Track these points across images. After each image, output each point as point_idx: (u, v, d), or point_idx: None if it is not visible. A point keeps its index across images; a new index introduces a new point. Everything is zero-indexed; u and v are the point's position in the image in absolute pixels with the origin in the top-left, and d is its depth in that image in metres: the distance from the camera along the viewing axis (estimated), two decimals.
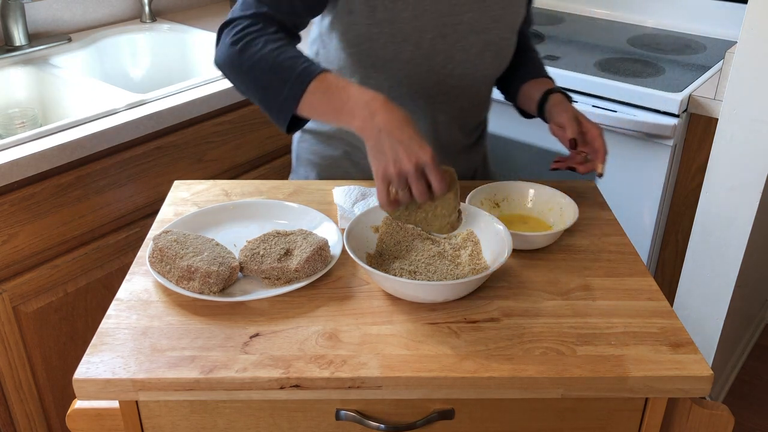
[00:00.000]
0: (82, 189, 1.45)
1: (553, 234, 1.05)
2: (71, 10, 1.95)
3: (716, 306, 1.81)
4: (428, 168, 0.91)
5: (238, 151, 1.77)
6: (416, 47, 1.12)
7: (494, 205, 1.16)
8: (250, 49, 1.01)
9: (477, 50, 1.16)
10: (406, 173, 0.91)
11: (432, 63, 1.14)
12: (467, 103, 1.23)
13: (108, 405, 0.88)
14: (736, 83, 1.59)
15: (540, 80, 1.27)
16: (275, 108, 1.01)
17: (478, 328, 0.91)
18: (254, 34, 1.02)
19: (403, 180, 0.91)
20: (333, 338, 0.89)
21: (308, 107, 0.99)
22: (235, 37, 1.02)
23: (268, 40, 1.01)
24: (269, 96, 1.01)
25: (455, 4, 1.12)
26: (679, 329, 0.92)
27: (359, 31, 1.11)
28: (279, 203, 1.14)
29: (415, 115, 1.19)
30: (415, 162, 0.90)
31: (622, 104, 1.82)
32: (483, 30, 1.15)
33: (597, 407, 0.90)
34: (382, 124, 0.92)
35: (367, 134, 0.93)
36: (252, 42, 1.01)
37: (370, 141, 0.93)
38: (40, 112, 1.78)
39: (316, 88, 0.97)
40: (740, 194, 1.66)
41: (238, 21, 1.04)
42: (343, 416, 0.87)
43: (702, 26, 2.24)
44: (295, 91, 0.98)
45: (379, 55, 1.12)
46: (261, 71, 1.00)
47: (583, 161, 1.16)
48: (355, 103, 0.95)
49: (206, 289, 0.94)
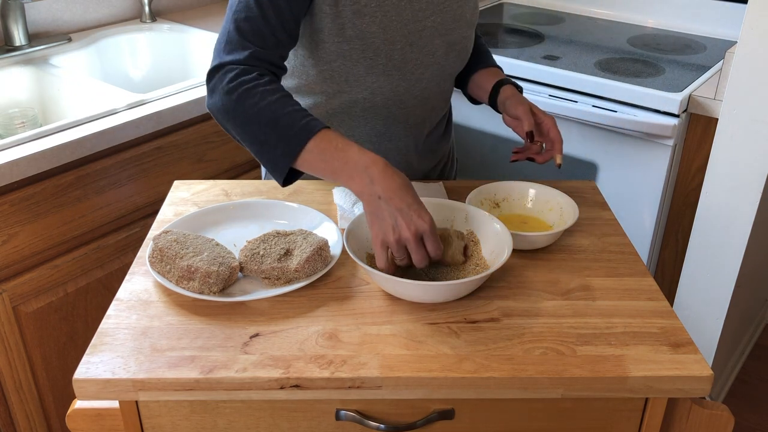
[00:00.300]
0: (82, 189, 1.45)
1: (554, 234, 1.05)
2: (71, 10, 1.95)
3: (716, 306, 1.81)
4: (426, 236, 0.92)
5: (238, 151, 1.77)
6: (388, 59, 1.13)
7: (494, 205, 1.16)
8: (247, 100, 0.99)
9: (443, 52, 1.18)
10: (405, 241, 0.92)
11: (403, 71, 1.15)
12: (437, 103, 1.26)
13: (108, 405, 0.88)
14: (736, 83, 1.59)
15: (489, 70, 1.30)
16: (272, 162, 1.00)
17: (478, 328, 0.91)
18: (249, 83, 1.00)
19: (402, 248, 0.93)
20: (333, 338, 0.89)
21: (305, 164, 0.98)
22: (229, 86, 1.00)
23: (265, 92, 0.99)
24: (266, 150, 1.00)
25: (418, 9, 1.13)
26: (679, 329, 0.92)
27: (329, 49, 1.11)
28: (279, 203, 1.14)
29: (389, 120, 1.20)
30: (414, 231, 0.91)
31: (622, 104, 1.82)
32: (446, 31, 1.17)
33: (597, 407, 0.90)
34: (381, 192, 0.92)
35: (366, 199, 0.94)
36: (248, 93, 0.99)
37: (369, 207, 0.93)
38: (40, 112, 1.78)
39: (315, 146, 0.97)
40: (740, 194, 1.66)
41: (229, 67, 1.02)
42: (343, 416, 0.87)
43: (702, 26, 2.24)
44: (292, 148, 0.97)
45: (351, 71, 1.13)
46: (258, 125, 0.99)
47: (539, 151, 1.20)
48: (353, 167, 0.95)
49: (206, 289, 0.94)
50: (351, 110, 1.19)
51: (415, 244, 0.91)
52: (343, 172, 0.95)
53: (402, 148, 1.25)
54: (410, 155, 1.27)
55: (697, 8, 2.24)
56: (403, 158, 1.26)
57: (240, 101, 0.99)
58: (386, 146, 1.24)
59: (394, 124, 1.22)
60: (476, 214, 1.05)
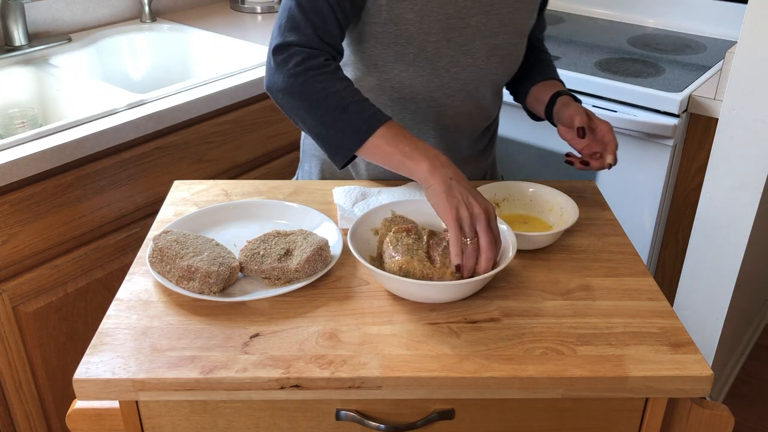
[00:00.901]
0: (82, 189, 1.45)
1: (554, 234, 1.05)
2: (71, 10, 1.95)
3: (716, 306, 1.81)
4: (492, 218, 0.95)
5: (238, 151, 1.77)
6: (420, 49, 1.12)
7: (494, 205, 1.16)
8: (315, 85, 1.02)
9: (483, 54, 1.16)
10: (477, 217, 0.93)
11: (435, 66, 1.14)
12: (474, 108, 1.22)
13: (108, 405, 0.88)
14: (736, 83, 1.59)
15: (549, 82, 1.27)
16: (335, 145, 1.03)
17: (479, 328, 0.91)
18: (317, 69, 1.03)
19: (473, 226, 0.94)
20: (333, 338, 0.89)
21: (372, 149, 1.02)
22: (297, 69, 1.03)
23: (333, 79, 1.03)
24: (333, 134, 1.03)
25: (462, 7, 1.11)
26: (679, 329, 0.92)
27: (363, 29, 1.11)
28: (279, 203, 1.14)
29: (418, 116, 1.19)
30: (485, 208, 0.94)
31: (622, 104, 1.82)
32: (490, 34, 1.14)
33: (597, 407, 0.90)
34: (453, 174, 0.97)
35: (437, 180, 0.96)
36: (316, 78, 1.02)
37: (441, 186, 0.95)
38: (40, 112, 1.78)
39: (385, 132, 1.01)
40: (740, 194, 1.66)
41: (296, 49, 1.04)
42: (343, 416, 0.87)
43: (702, 26, 2.24)
44: (362, 133, 1.01)
45: (381, 55, 1.13)
46: (327, 109, 1.02)
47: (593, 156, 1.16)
48: (424, 152, 0.99)
49: (206, 289, 0.94)
50: (379, 98, 1.18)
51: (485, 222, 0.93)
52: (413, 156, 0.98)
53: None
54: None
55: (697, 8, 2.24)
56: None
57: (307, 85, 1.02)
58: None
59: (424, 121, 1.21)
60: None
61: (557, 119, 1.20)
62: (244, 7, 2.26)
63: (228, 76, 1.72)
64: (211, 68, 1.98)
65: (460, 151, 1.27)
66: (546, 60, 1.33)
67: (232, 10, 2.27)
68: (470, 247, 0.93)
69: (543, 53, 1.34)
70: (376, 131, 1.00)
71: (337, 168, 1.05)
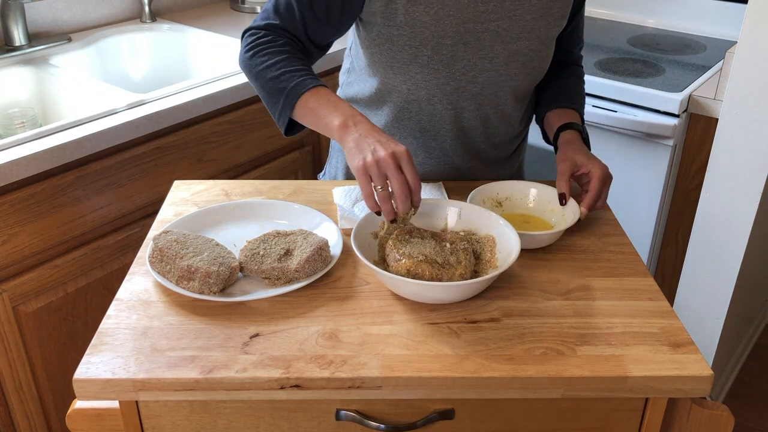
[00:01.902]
0: (82, 189, 1.45)
1: (556, 233, 1.05)
2: (71, 10, 1.95)
3: (716, 306, 1.81)
4: (404, 161, 0.96)
5: (238, 151, 1.77)
6: (434, 52, 1.12)
7: (496, 204, 1.16)
8: (258, 58, 1.11)
9: (502, 60, 1.15)
10: (384, 164, 0.95)
11: (451, 69, 1.14)
12: (493, 112, 1.21)
13: (108, 405, 0.88)
14: (736, 83, 1.59)
15: (565, 110, 1.25)
16: (275, 113, 1.11)
17: (479, 328, 0.91)
18: (263, 45, 1.12)
19: (382, 174, 0.95)
20: (333, 338, 0.89)
21: (302, 115, 1.08)
22: (248, 46, 1.13)
23: (274, 52, 1.11)
24: (270, 103, 1.11)
25: (482, 11, 1.11)
26: (679, 329, 0.92)
27: (379, 31, 1.12)
28: (279, 203, 1.14)
29: (434, 117, 1.20)
30: (391, 152, 0.96)
31: (622, 104, 1.82)
32: (511, 40, 1.13)
33: (597, 407, 0.90)
34: (363, 130, 1.00)
35: (347, 136, 1.00)
36: (260, 52, 1.11)
37: (350, 142, 1.00)
38: (40, 112, 1.78)
39: (309, 98, 1.06)
40: (740, 194, 1.66)
41: (253, 30, 1.15)
42: (343, 416, 0.87)
43: (702, 26, 2.24)
44: (291, 99, 1.07)
45: (396, 57, 1.13)
46: (264, 80, 1.10)
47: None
48: (342, 112, 1.03)
49: (206, 289, 0.94)
50: (396, 99, 1.19)
51: (394, 167, 0.95)
52: (329, 117, 1.03)
53: (448, 150, 1.24)
54: (458, 160, 1.25)
55: (697, 8, 2.24)
56: (449, 160, 1.25)
57: (253, 59, 1.12)
58: (430, 144, 1.23)
59: (441, 123, 1.21)
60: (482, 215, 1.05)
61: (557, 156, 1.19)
62: (244, 7, 2.26)
63: (228, 76, 1.72)
64: (211, 68, 1.98)
65: (479, 153, 1.27)
66: (571, 85, 1.31)
67: (232, 10, 2.27)
68: (381, 192, 0.96)
69: (571, 78, 1.32)
70: (301, 96, 1.06)
71: (283, 135, 1.13)
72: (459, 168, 1.27)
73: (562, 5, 1.16)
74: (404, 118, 1.21)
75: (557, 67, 1.28)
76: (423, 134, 1.22)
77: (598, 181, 1.11)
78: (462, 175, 1.28)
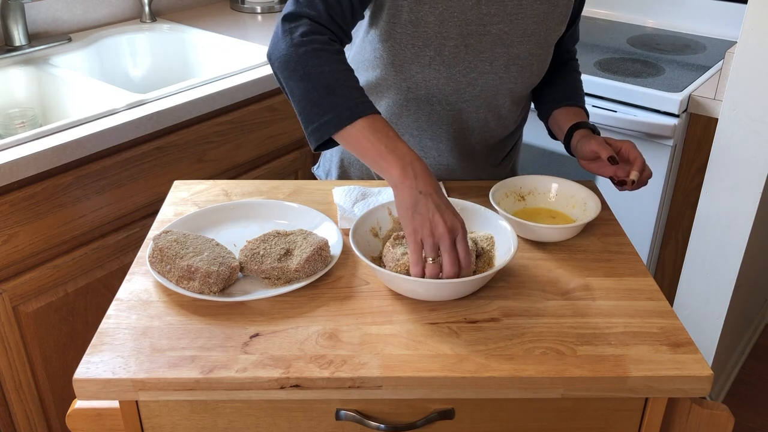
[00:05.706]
0: (82, 189, 1.45)
1: (579, 225, 1.07)
2: (71, 10, 1.95)
3: (716, 306, 1.81)
4: (459, 238, 0.91)
5: (238, 151, 1.77)
6: (436, 53, 1.12)
7: (519, 198, 1.17)
8: (314, 59, 1.00)
9: (502, 63, 1.15)
10: (440, 238, 0.90)
11: (452, 70, 1.14)
12: (490, 115, 1.22)
13: (108, 405, 0.88)
14: (736, 83, 1.59)
15: (573, 109, 1.25)
16: (314, 124, 0.99)
17: (478, 328, 0.91)
18: (321, 44, 1.01)
19: (436, 246, 0.91)
20: (333, 338, 0.89)
21: (349, 139, 0.98)
22: (301, 39, 1.01)
23: (333, 60, 1.00)
24: (315, 112, 0.99)
25: (485, 14, 1.11)
26: (679, 329, 0.92)
27: (383, 28, 1.12)
28: (279, 203, 1.14)
29: (432, 117, 1.20)
30: (450, 226, 0.90)
31: (622, 104, 1.82)
32: (511, 43, 1.14)
33: (597, 407, 0.90)
34: (423, 187, 0.93)
35: (406, 191, 0.93)
36: (317, 53, 1.00)
37: (409, 200, 0.92)
38: (40, 112, 1.78)
39: (366, 125, 0.97)
40: (740, 194, 1.66)
41: (305, 20, 1.03)
42: (343, 416, 0.87)
43: (702, 26, 2.24)
44: (342, 119, 0.97)
45: (398, 55, 1.13)
46: (316, 85, 0.99)
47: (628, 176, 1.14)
48: (400, 156, 0.95)
49: (206, 289, 0.94)
50: (396, 96, 1.19)
51: (449, 242, 0.90)
52: (388, 158, 0.95)
53: (443, 150, 1.24)
54: (452, 160, 1.26)
55: (697, 8, 2.24)
56: (444, 160, 1.25)
57: (306, 57, 0.99)
58: (427, 143, 1.23)
59: (438, 123, 1.21)
60: (481, 212, 1.05)
61: (576, 152, 1.19)
62: (244, 7, 2.26)
63: (228, 76, 1.72)
64: (211, 68, 1.98)
65: (474, 156, 1.27)
66: (572, 82, 1.31)
67: (232, 10, 2.27)
68: (432, 266, 0.91)
69: (571, 74, 1.32)
70: (356, 121, 0.97)
71: (311, 149, 1.02)
72: (453, 168, 1.27)
73: (563, 10, 1.17)
74: (402, 115, 1.21)
75: (556, 65, 1.29)
76: (420, 133, 1.23)
77: (635, 149, 1.12)
78: (455, 175, 1.28)
